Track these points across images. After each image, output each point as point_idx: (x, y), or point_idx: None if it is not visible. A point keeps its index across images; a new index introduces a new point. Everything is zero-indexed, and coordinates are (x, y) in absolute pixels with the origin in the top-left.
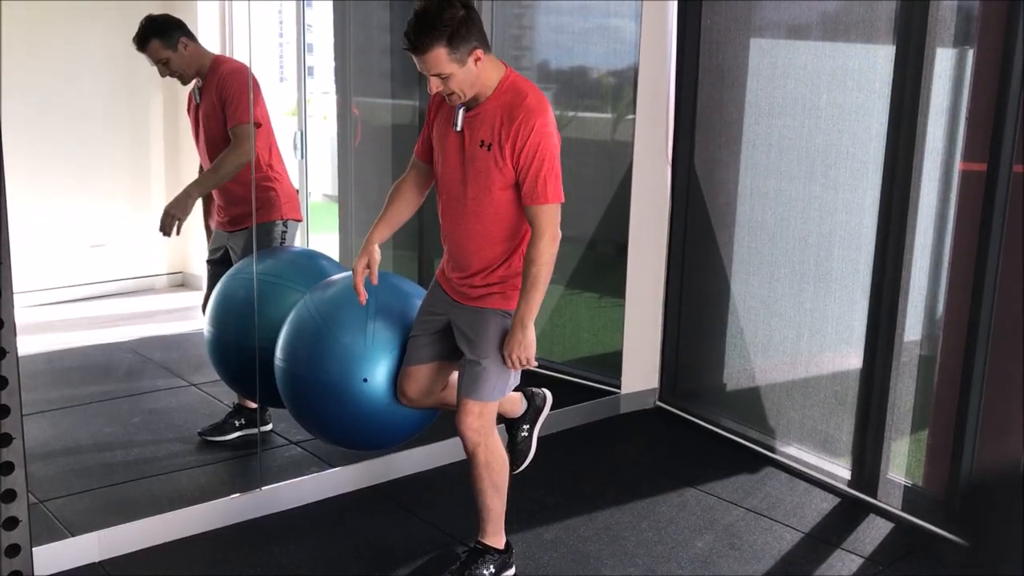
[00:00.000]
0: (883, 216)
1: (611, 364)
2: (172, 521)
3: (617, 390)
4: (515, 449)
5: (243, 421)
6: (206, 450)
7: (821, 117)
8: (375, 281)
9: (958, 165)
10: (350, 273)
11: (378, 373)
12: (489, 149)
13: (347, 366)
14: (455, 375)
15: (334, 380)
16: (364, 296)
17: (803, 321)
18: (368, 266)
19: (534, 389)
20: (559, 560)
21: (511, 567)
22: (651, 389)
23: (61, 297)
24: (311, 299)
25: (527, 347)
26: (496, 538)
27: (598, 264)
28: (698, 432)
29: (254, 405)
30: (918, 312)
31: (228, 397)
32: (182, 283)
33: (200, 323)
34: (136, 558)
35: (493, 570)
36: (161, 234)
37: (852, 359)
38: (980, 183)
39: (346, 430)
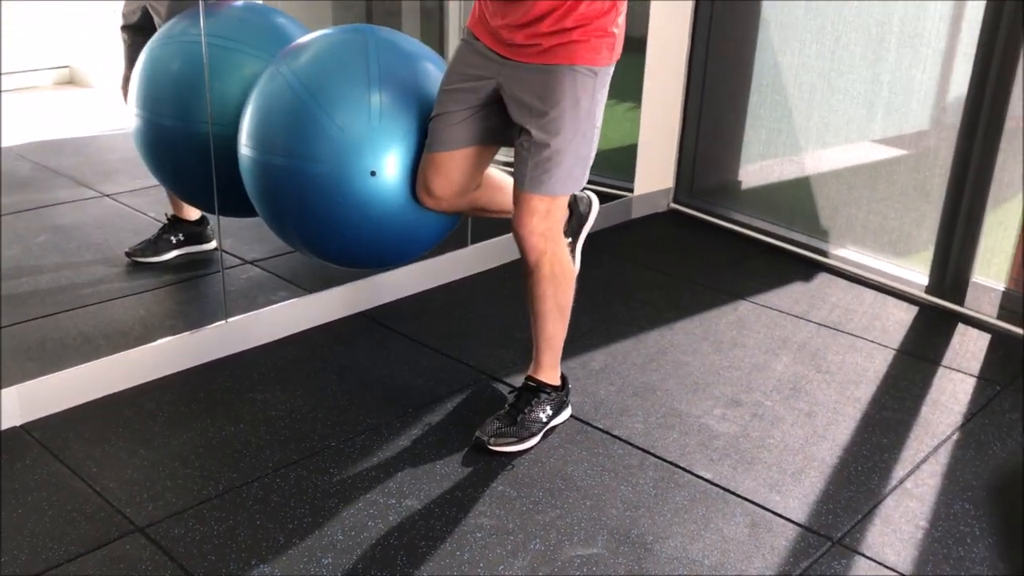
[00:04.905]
0: None
1: (617, 164)
2: (114, 367)
3: (628, 192)
4: None
5: (181, 237)
6: (140, 274)
7: None
8: None
9: None
10: (332, 31)
11: (389, 164)
12: None
13: (347, 153)
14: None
15: (329, 172)
16: None
17: (878, 97)
18: None
19: (578, 193)
20: (618, 394)
21: (568, 406)
22: (665, 190)
23: None
24: (286, 65)
25: None
26: (552, 372)
27: None
28: (727, 237)
29: (194, 215)
30: None
31: (156, 208)
32: (69, 79)
33: (101, 125)
34: (70, 417)
35: (551, 412)
36: None
37: (943, 140)
38: None
39: (345, 240)
